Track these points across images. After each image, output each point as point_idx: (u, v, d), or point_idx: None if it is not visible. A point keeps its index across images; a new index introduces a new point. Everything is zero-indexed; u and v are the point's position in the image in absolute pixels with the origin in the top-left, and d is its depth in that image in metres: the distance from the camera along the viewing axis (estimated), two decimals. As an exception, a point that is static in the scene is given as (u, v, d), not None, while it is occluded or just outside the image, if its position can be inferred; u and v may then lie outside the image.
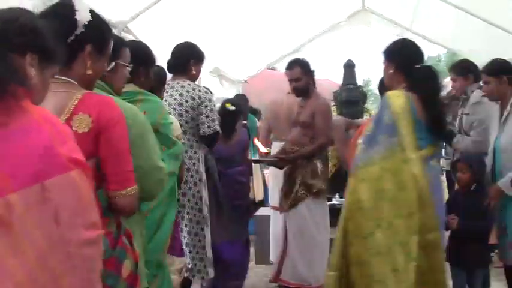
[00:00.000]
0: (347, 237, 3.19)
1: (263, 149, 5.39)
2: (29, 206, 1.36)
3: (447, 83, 4.88)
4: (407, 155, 3.08)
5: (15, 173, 1.37)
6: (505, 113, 3.96)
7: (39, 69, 1.58)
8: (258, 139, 5.82)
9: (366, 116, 7.01)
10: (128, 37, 5.70)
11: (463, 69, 4.97)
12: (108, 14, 5.08)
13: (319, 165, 4.84)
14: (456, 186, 4.50)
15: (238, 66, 8.63)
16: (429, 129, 3.23)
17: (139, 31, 5.78)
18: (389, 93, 3.30)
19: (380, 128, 3.19)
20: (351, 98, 7.13)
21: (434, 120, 3.25)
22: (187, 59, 4.24)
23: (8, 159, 1.38)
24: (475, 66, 4.94)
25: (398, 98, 3.22)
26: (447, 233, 3.93)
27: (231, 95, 8.55)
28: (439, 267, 3.16)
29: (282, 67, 9.00)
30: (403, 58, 3.39)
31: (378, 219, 3.08)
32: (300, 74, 4.94)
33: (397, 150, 3.10)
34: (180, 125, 3.71)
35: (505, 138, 3.90)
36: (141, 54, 3.11)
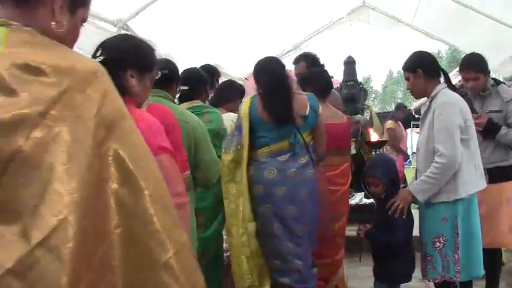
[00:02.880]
0: None
1: None
2: None
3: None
4: (244, 151, 3.56)
5: None
6: (423, 109, 3.75)
7: (139, 79, 2.24)
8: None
9: (366, 113, 7.01)
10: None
11: (484, 64, 4.34)
12: (108, 12, 5.08)
13: None
14: None
15: (238, 63, 8.62)
16: (272, 127, 3.57)
17: (138, 29, 5.76)
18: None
19: (236, 127, 3.67)
20: (352, 95, 7.11)
21: (272, 117, 3.56)
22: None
23: None
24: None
25: (245, 102, 3.71)
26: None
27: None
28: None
29: (282, 64, 9.00)
30: (256, 67, 3.83)
31: (228, 195, 3.60)
32: (305, 68, 4.91)
33: (241, 146, 3.57)
34: None
35: (421, 136, 3.72)
36: (198, 76, 3.94)
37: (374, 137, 6.87)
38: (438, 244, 3.53)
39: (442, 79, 3.74)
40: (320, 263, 4.08)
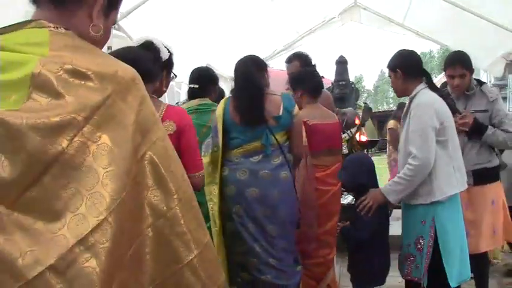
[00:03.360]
0: None
1: None
2: None
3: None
4: (220, 153, 3.65)
5: None
6: (405, 110, 3.78)
7: None
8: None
9: (358, 112, 7.02)
10: (119, 35, 5.68)
11: (470, 62, 4.27)
12: None
13: None
14: None
15: (230, 62, 8.59)
16: (244, 128, 3.59)
17: (130, 29, 5.75)
18: None
19: (212, 129, 3.73)
20: (343, 95, 7.12)
21: (241, 118, 3.58)
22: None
23: None
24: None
25: (220, 104, 3.76)
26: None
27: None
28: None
29: (274, 63, 8.99)
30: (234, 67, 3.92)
31: (212, 196, 3.65)
32: (298, 67, 4.93)
33: (217, 148, 3.64)
34: None
35: (402, 136, 3.73)
36: (208, 75, 4.29)
37: (363, 137, 6.90)
38: (419, 246, 3.54)
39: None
40: (312, 262, 4.09)
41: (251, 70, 3.70)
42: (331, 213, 4.36)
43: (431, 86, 3.71)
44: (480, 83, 4.31)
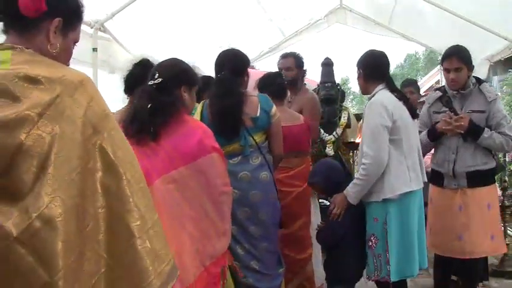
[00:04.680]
0: None
1: None
2: (191, 174, 2.59)
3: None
4: None
5: (182, 156, 2.57)
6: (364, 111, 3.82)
7: (189, 93, 2.91)
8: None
9: (344, 115, 7.01)
10: (104, 36, 5.65)
11: (468, 56, 4.11)
12: (84, 13, 5.03)
13: None
14: None
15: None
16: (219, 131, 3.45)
17: (115, 30, 5.73)
18: None
19: None
20: (329, 96, 7.11)
21: (214, 121, 3.47)
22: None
23: (179, 149, 2.58)
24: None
25: (198, 106, 3.71)
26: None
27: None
28: None
29: (260, 65, 8.99)
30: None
31: None
32: (293, 64, 5.16)
33: None
34: None
35: (361, 138, 3.77)
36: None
37: (352, 138, 6.90)
38: (370, 243, 3.60)
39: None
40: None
41: (229, 80, 3.61)
42: (297, 214, 4.39)
43: (392, 88, 3.74)
44: (479, 81, 4.18)
